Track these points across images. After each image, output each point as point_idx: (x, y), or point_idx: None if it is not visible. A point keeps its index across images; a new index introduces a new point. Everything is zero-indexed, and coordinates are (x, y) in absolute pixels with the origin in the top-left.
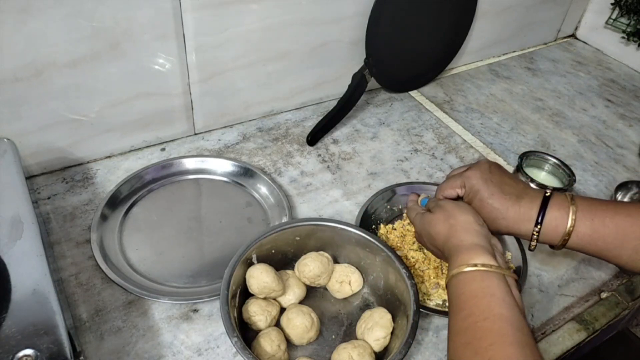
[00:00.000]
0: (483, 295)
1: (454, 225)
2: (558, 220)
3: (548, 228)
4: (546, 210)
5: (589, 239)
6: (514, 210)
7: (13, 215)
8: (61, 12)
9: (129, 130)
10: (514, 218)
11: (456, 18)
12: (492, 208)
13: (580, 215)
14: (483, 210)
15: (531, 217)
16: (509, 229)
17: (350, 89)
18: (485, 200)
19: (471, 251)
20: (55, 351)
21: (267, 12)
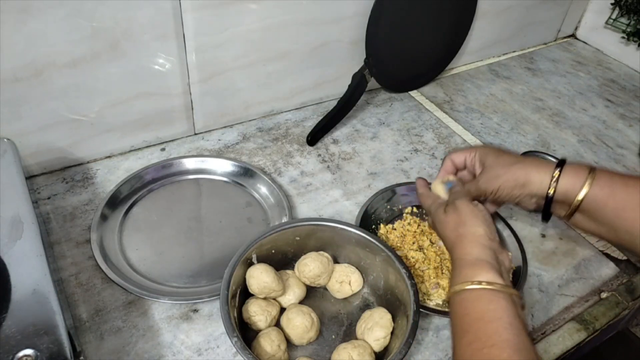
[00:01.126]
0: (489, 319)
1: (463, 235)
2: (576, 177)
3: (564, 186)
4: (563, 169)
5: (602, 205)
6: (530, 160)
7: (13, 215)
8: (61, 12)
9: (129, 130)
10: (531, 164)
11: (456, 18)
12: (506, 159)
13: (597, 176)
14: (495, 164)
15: (548, 166)
16: (527, 176)
17: (350, 89)
18: (496, 155)
19: (476, 267)
20: (55, 351)
21: (267, 12)
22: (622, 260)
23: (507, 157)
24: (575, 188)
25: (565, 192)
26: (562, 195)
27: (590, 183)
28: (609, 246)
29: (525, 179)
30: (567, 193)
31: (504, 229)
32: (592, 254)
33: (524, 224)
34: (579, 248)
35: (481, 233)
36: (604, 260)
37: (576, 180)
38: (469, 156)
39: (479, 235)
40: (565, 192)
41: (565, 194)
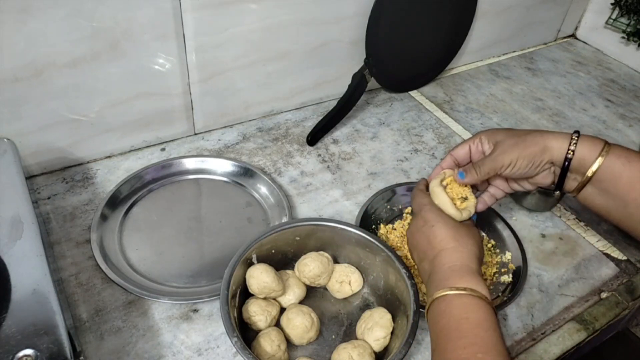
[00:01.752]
0: (487, 327)
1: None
2: (593, 139)
3: (583, 147)
4: (579, 137)
5: (614, 178)
6: (544, 130)
7: (13, 215)
8: (61, 12)
9: (129, 130)
10: (546, 131)
11: (456, 18)
12: (519, 130)
13: (612, 148)
14: (512, 132)
15: (564, 133)
16: (545, 141)
17: (350, 89)
18: (511, 129)
19: (475, 277)
20: (55, 351)
21: (267, 12)
22: (622, 260)
23: (519, 130)
24: (591, 156)
25: (581, 159)
26: (578, 162)
27: (607, 151)
28: (609, 246)
29: (544, 144)
30: (584, 160)
31: (504, 229)
32: (592, 254)
33: (524, 224)
34: (579, 248)
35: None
36: (604, 260)
37: (592, 148)
38: (473, 144)
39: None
40: (582, 159)
41: (582, 161)
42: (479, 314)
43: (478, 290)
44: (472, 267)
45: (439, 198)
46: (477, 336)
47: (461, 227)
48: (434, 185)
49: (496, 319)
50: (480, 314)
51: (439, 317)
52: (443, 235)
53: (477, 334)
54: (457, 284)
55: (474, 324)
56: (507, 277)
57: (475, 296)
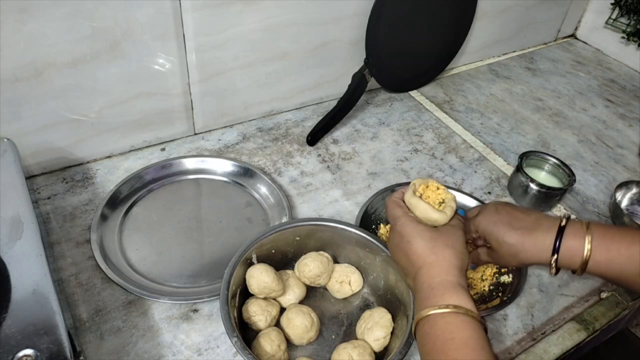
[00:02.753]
0: (475, 347)
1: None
2: (574, 249)
3: (565, 257)
4: (562, 240)
5: (605, 268)
6: (530, 242)
7: (13, 215)
8: (61, 12)
9: (129, 130)
10: (531, 250)
11: (456, 18)
12: (509, 245)
13: (595, 244)
14: (502, 249)
15: (547, 247)
16: (531, 260)
17: (350, 89)
18: (500, 240)
19: (459, 292)
20: (55, 351)
21: (267, 12)
22: None
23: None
24: (574, 265)
25: (566, 268)
26: (566, 267)
27: (584, 265)
28: None
29: (530, 262)
30: (569, 268)
31: None
32: None
33: None
34: None
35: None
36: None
37: (573, 262)
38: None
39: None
40: (566, 268)
41: (567, 268)
42: (464, 333)
43: (461, 306)
44: (451, 281)
45: (419, 208)
46: (466, 356)
47: (439, 237)
48: (409, 197)
49: (484, 333)
50: (466, 333)
51: (425, 340)
52: (420, 251)
53: (464, 355)
54: (438, 302)
55: (460, 344)
56: (507, 277)
57: (460, 313)
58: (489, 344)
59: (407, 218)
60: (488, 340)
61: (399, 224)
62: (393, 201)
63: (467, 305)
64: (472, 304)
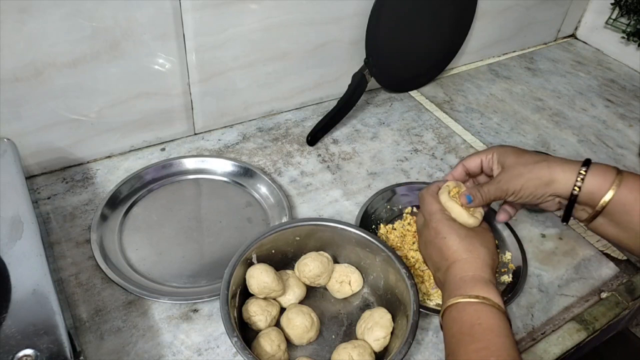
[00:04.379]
0: (499, 333)
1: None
2: (605, 169)
3: (593, 179)
4: (589, 167)
5: (633, 201)
6: (554, 159)
7: (13, 215)
8: (61, 12)
9: (129, 130)
10: (556, 162)
11: (456, 18)
12: (531, 155)
13: (627, 175)
14: (521, 158)
15: (574, 164)
16: (551, 174)
17: (350, 89)
18: (520, 152)
19: (489, 286)
20: (55, 351)
21: (267, 12)
22: (622, 260)
23: (529, 156)
24: (601, 189)
25: (590, 193)
26: (587, 195)
27: (618, 184)
28: (609, 246)
29: (549, 177)
30: (593, 194)
31: (504, 229)
32: (592, 254)
33: (524, 224)
34: (579, 248)
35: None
36: (604, 260)
37: (603, 181)
38: (485, 158)
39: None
40: (591, 192)
41: (591, 194)
42: (491, 321)
43: (490, 299)
44: (484, 277)
45: (454, 211)
46: (490, 341)
47: (474, 237)
48: (445, 199)
49: (509, 326)
50: (493, 321)
51: (452, 324)
52: (455, 247)
53: (489, 339)
54: (469, 292)
55: (486, 329)
56: (507, 277)
57: (488, 304)
58: (513, 334)
59: (444, 215)
60: (512, 333)
61: (435, 219)
62: (430, 195)
63: (496, 299)
64: (501, 300)
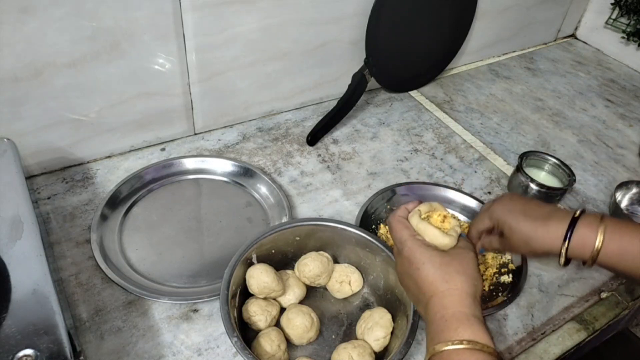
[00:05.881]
0: None
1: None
2: (586, 238)
3: (576, 246)
4: (574, 229)
5: (617, 257)
6: (543, 230)
7: (13, 215)
8: (61, 12)
9: (129, 130)
10: (543, 238)
11: (456, 18)
12: (521, 232)
13: (608, 235)
14: (514, 236)
15: (560, 235)
16: (543, 249)
17: (350, 89)
18: (513, 227)
19: (473, 324)
20: (55, 351)
21: (267, 12)
22: None
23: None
24: (584, 255)
25: (576, 256)
26: (577, 258)
27: (596, 254)
28: None
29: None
30: (579, 256)
31: None
32: None
33: None
34: None
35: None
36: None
37: (584, 251)
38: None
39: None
40: (576, 256)
41: (577, 257)
42: None
43: (476, 341)
44: (465, 312)
45: (428, 233)
46: None
47: (450, 263)
48: (416, 222)
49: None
50: None
51: None
52: (430, 279)
53: None
54: (452, 336)
55: None
56: (507, 277)
57: (475, 349)
58: None
59: (415, 242)
60: None
61: (407, 247)
62: (398, 221)
63: (482, 340)
64: (488, 337)
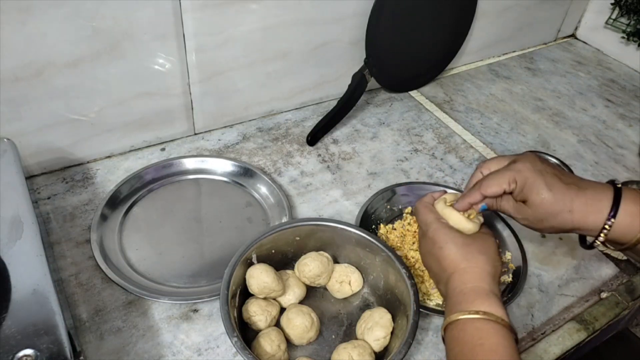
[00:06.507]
0: (502, 352)
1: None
2: (634, 214)
3: (622, 222)
4: (620, 202)
5: None
6: (581, 201)
7: (13, 215)
8: (61, 12)
9: (129, 130)
10: (581, 210)
11: (456, 18)
12: (554, 200)
13: None
14: (542, 205)
15: (601, 208)
16: (575, 224)
17: (350, 89)
18: (543, 194)
19: (491, 299)
20: (55, 351)
21: (267, 12)
22: (622, 260)
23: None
24: (627, 235)
25: (615, 238)
26: (612, 239)
27: None
28: None
29: (571, 227)
30: (618, 239)
31: (504, 229)
32: (592, 254)
33: None
34: (579, 248)
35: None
36: (604, 260)
37: (630, 228)
38: (507, 185)
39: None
40: (616, 238)
41: (616, 239)
42: (493, 339)
43: (491, 312)
44: (484, 288)
45: (452, 218)
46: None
47: (472, 244)
48: (441, 207)
49: (513, 342)
50: (495, 339)
51: (453, 344)
52: (452, 257)
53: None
54: (469, 307)
55: (488, 350)
56: (507, 277)
57: (489, 320)
58: (518, 353)
59: (440, 224)
60: (517, 349)
61: (432, 229)
62: (425, 206)
63: (498, 313)
64: (504, 312)
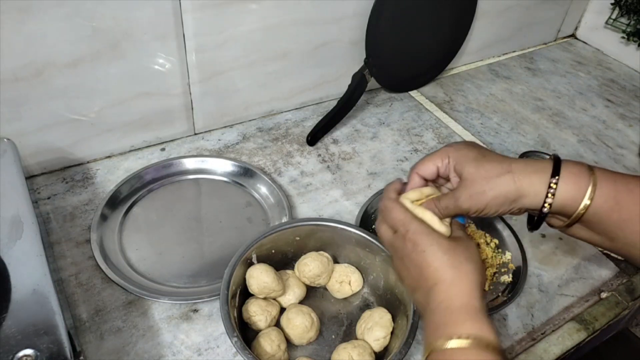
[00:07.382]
0: None
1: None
2: (578, 175)
3: (567, 183)
4: (561, 163)
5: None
6: (519, 162)
7: (13, 215)
8: (61, 12)
9: (129, 130)
10: (521, 169)
11: (456, 18)
12: (491, 166)
13: (600, 180)
14: (479, 171)
15: (542, 168)
16: (517, 186)
17: (350, 89)
18: (479, 159)
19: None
20: (55, 351)
21: (267, 12)
22: (622, 260)
23: (490, 166)
24: (575, 200)
25: (563, 205)
26: (559, 207)
27: (592, 193)
28: None
29: (516, 193)
30: (566, 206)
31: (504, 229)
32: (592, 254)
33: (524, 224)
34: (579, 248)
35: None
36: (604, 260)
37: (576, 190)
38: (441, 164)
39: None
40: (563, 204)
41: (563, 206)
42: None
43: (483, 337)
44: (474, 306)
45: (425, 217)
46: None
47: (457, 247)
48: (411, 207)
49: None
50: None
51: None
52: (437, 264)
53: None
54: (458, 330)
55: None
56: (507, 277)
57: (481, 348)
58: None
59: (419, 224)
60: None
61: (411, 230)
62: (395, 203)
63: (490, 337)
64: (494, 333)
